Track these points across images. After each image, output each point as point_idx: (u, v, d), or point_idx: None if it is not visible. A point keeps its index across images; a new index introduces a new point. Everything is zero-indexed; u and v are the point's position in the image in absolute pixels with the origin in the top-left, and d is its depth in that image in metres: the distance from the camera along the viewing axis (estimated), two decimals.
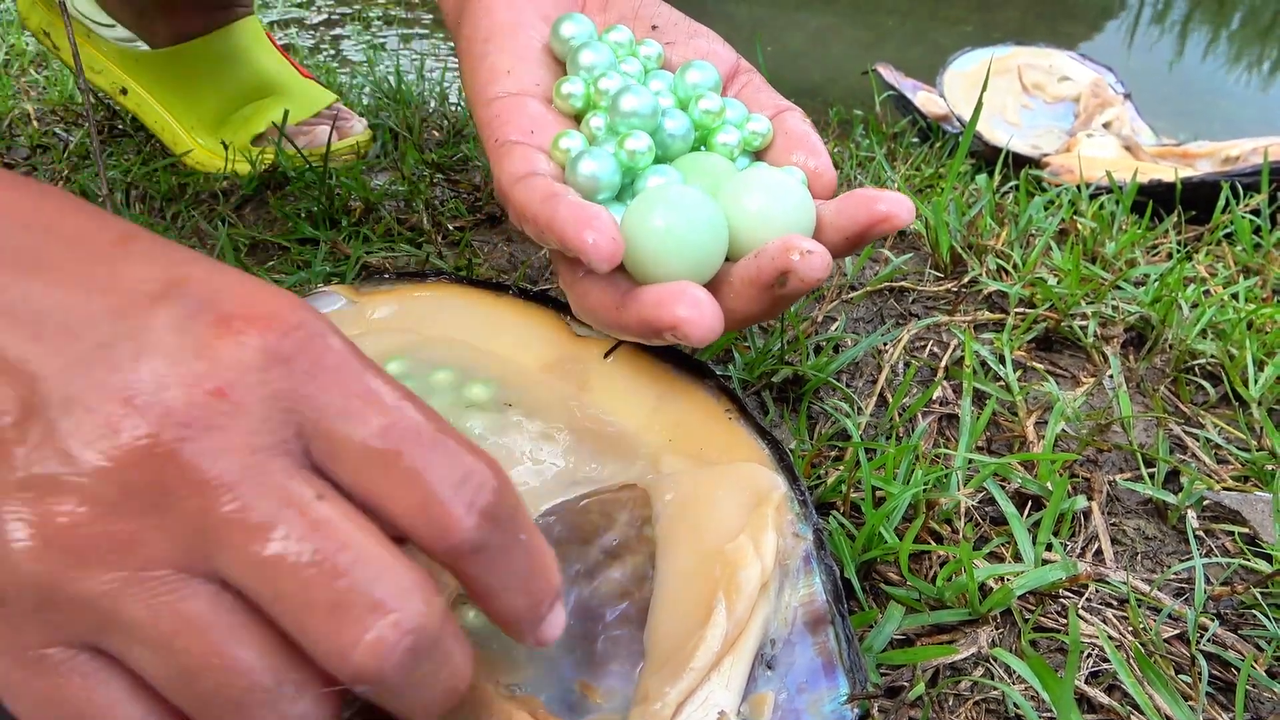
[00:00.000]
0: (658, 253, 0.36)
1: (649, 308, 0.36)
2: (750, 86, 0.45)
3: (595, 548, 0.39)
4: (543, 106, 0.42)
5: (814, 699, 0.32)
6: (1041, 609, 0.41)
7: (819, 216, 0.39)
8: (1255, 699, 0.38)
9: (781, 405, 0.52)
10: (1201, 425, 0.54)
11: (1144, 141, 1.15)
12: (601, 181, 0.39)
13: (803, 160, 0.42)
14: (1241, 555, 0.45)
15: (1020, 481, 0.47)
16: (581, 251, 0.35)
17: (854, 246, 0.39)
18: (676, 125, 0.42)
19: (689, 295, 0.35)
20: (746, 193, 0.38)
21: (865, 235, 0.38)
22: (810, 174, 0.41)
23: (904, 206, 0.37)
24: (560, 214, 0.36)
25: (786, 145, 0.43)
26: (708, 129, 0.43)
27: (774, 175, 0.39)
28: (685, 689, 0.32)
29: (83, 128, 0.86)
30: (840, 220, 0.38)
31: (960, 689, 0.37)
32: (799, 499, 0.38)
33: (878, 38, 1.92)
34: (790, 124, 0.43)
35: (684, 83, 0.43)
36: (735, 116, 0.43)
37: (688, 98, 0.43)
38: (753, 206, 0.38)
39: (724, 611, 0.34)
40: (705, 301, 0.35)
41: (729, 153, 0.42)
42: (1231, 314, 0.63)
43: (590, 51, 0.43)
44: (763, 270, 0.36)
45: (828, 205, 0.39)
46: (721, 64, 0.45)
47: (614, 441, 0.43)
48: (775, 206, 0.37)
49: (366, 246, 0.64)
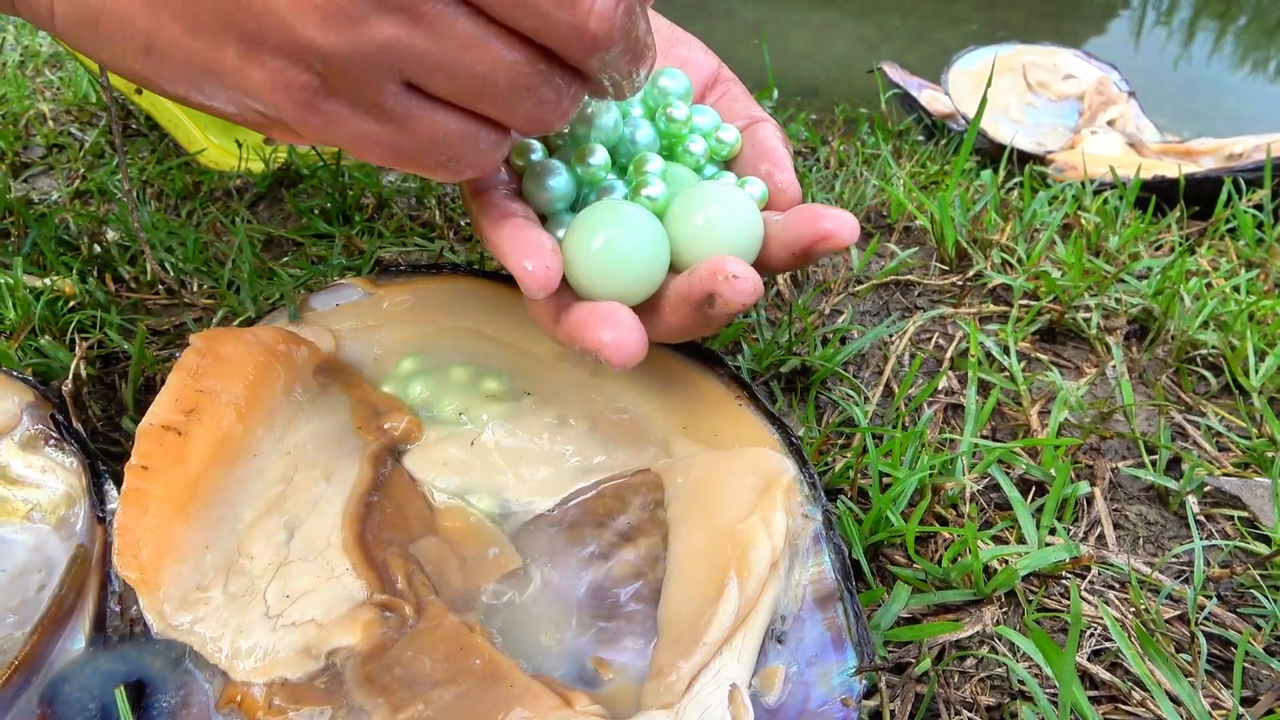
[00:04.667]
0: (595, 271, 0.37)
1: (576, 328, 0.36)
2: (728, 96, 0.46)
3: (609, 530, 0.41)
4: None
5: (823, 672, 0.33)
6: (1045, 590, 0.42)
7: (767, 231, 0.39)
8: (1254, 676, 0.39)
9: (790, 395, 0.53)
10: (1203, 414, 0.55)
11: (1148, 139, 1.15)
12: (556, 193, 0.40)
13: (768, 172, 0.42)
14: (1241, 539, 0.46)
15: (1024, 467, 0.47)
16: (518, 278, 0.35)
17: (799, 262, 0.39)
18: (643, 135, 0.42)
19: (614, 318, 0.35)
20: (695, 208, 0.38)
21: (809, 252, 0.38)
22: (773, 187, 0.41)
23: (847, 225, 0.37)
24: (504, 238, 0.36)
25: (754, 157, 0.43)
26: (675, 137, 0.43)
27: (726, 191, 0.39)
28: (698, 663, 0.33)
29: (97, 127, 0.87)
30: (785, 236, 0.38)
31: (965, 666, 0.38)
32: (808, 482, 0.39)
33: (883, 37, 1.93)
34: (761, 135, 0.43)
35: (654, 90, 0.43)
36: (706, 124, 0.43)
37: (656, 106, 0.43)
38: (699, 221, 0.38)
39: (735, 589, 0.35)
40: (628, 325, 0.35)
41: (694, 162, 0.43)
42: (1233, 306, 0.63)
43: None
44: (692, 289, 0.36)
45: (776, 220, 0.39)
46: (700, 71, 0.45)
47: (627, 428, 0.44)
48: (722, 222, 0.37)
49: (380, 242, 0.65)
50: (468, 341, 0.48)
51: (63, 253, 0.61)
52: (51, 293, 0.56)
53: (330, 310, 0.49)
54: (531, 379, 0.46)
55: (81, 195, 0.73)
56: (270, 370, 0.43)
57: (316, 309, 0.49)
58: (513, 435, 0.44)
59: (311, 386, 0.44)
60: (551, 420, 0.45)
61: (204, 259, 0.62)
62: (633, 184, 0.40)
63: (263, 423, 0.42)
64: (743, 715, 0.32)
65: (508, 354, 0.47)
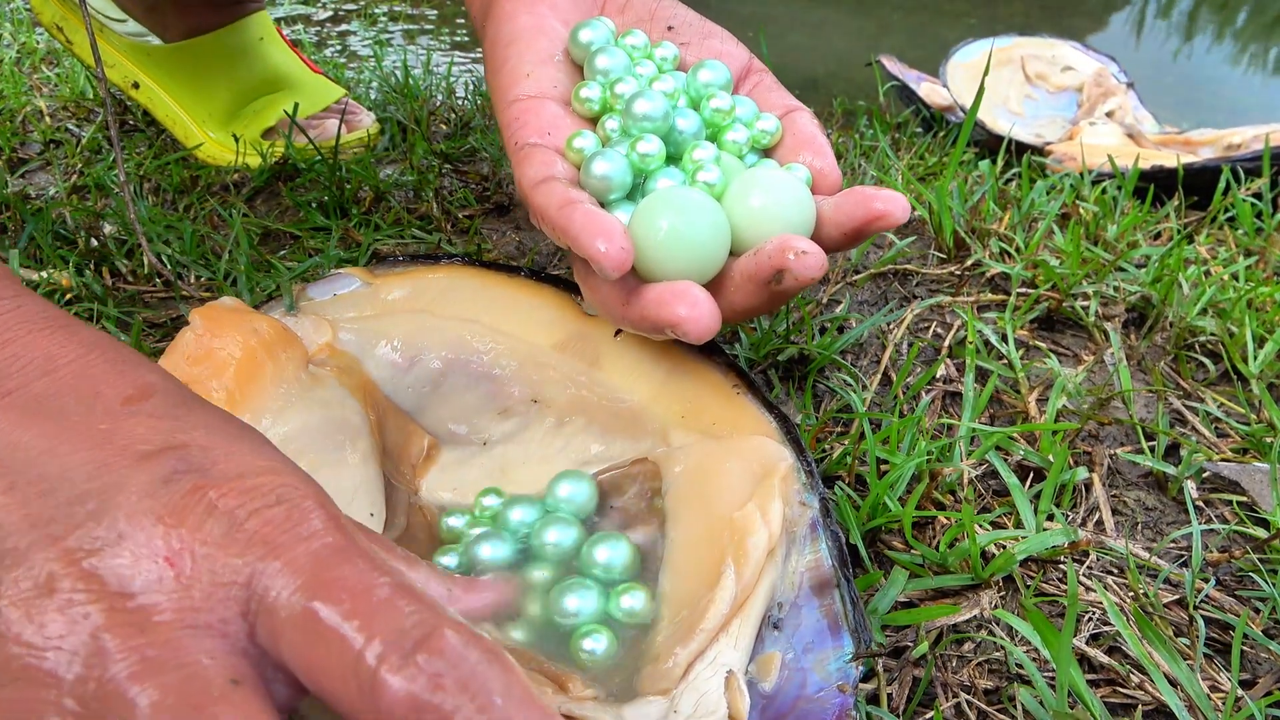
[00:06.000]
0: (662, 254, 0.38)
1: (651, 306, 0.37)
2: (762, 86, 0.47)
3: (607, 519, 0.40)
4: (560, 108, 0.44)
5: (820, 658, 0.33)
6: (1042, 575, 0.42)
7: (819, 212, 0.40)
8: (1253, 659, 0.39)
9: (787, 383, 0.53)
10: (1201, 400, 0.55)
11: (1147, 130, 1.15)
12: (613, 182, 0.41)
13: (809, 160, 0.43)
14: (1240, 523, 0.46)
15: (1022, 454, 0.47)
16: (593, 259, 0.36)
17: (852, 242, 0.40)
18: (688, 124, 0.43)
19: (689, 295, 0.36)
20: (750, 191, 0.40)
21: (862, 231, 0.39)
22: (815, 173, 0.43)
23: (899, 205, 0.38)
24: (576, 222, 0.37)
25: (794, 145, 0.44)
26: (718, 127, 0.44)
27: (777, 175, 0.40)
28: (695, 649, 0.33)
29: (94, 123, 0.87)
30: (838, 216, 0.40)
31: (963, 650, 0.38)
32: (805, 469, 0.39)
33: (881, 31, 1.93)
34: (799, 124, 0.44)
35: (696, 82, 0.44)
36: (745, 114, 0.44)
37: (699, 97, 0.44)
38: (755, 204, 0.39)
39: (732, 576, 0.35)
40: (704, 301, 0.36)
41: (738, 150, 0.44)
42: (1232, 293, 0.63)
43: (605, 56, 0.44)
44: (760, 267, 0.37)
45: (827, 202, 0.41)
46: (734, 63, 0.46)
47: (625, 417, 0.44)
48: (777, 204, 0.39)
49: (377, 234, 0.65)
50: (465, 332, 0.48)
51: (59, 247, 0.61)
52: (48, 286, 0.56)
53: (328, 300, 0.48)
54: (528, 370, 0.46)
55: (78, 190, 0.73)
56: (261, 362, 0.43)
57: (314, 299, 0.49)
58: (519, 441, 0.44)
59: (303, 380, 0.44)
60: (552, 415, 0.45)
61: (201, 252, 0.62)
62: (689, 171, 0.42)
63: (251, 412, 0.41)
64: (739, 701, 0.32)
65: (505, 343, 0.47)
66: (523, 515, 0.40)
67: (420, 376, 0.47)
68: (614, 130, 0.43)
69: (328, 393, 0.44)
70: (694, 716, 0.31)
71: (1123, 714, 0.36)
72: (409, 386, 0.46)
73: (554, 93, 0.44)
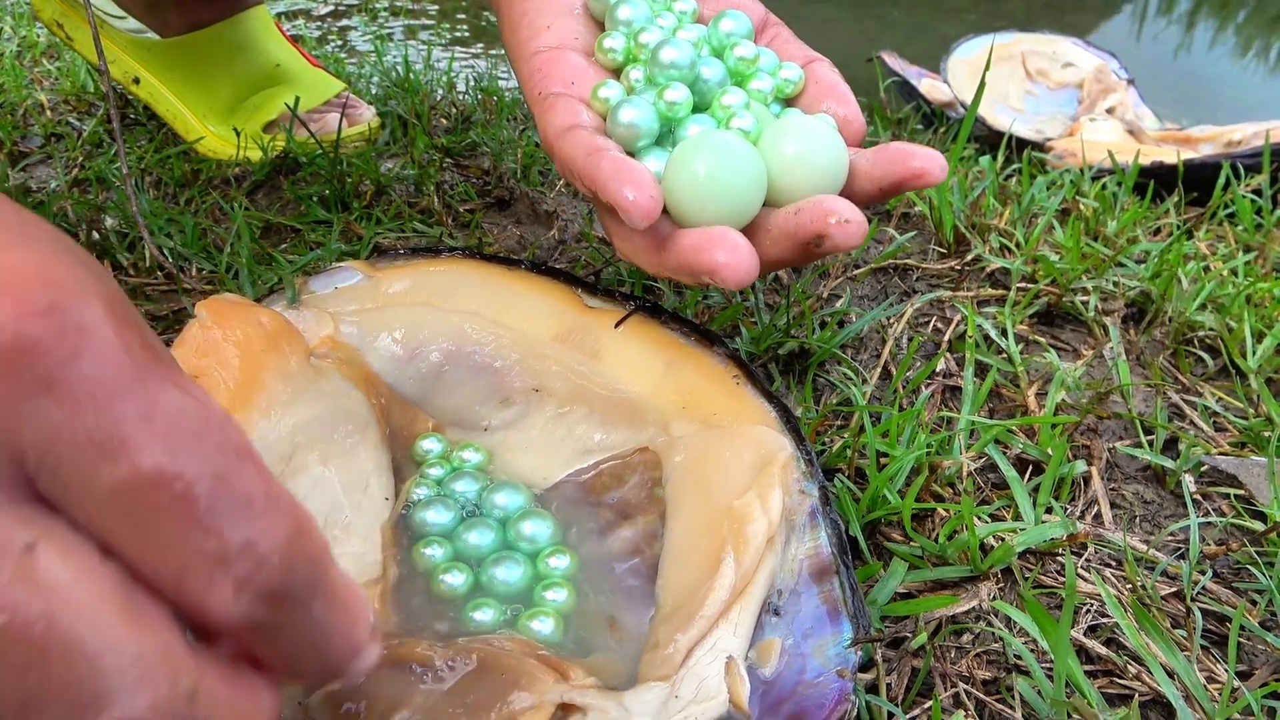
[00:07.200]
0: (699, 197, 0.37)
1: (688, 252, 0.36)
2: (780, 38, 0.46)
3: (608, 508, 0.41)
4: (582, 59, 0.43)
5: (819, 644, 0.34)
6: (1041, 567, 0.42)
7: (854, 165, 0.39)
8: (1249, 651, 0.39)
9: (787, 377, 0.53)
10: (1200, 394, 0.55)
11: (1147, 126, 1.15)
12: (641, 129, 0.40)
13: (832, 108, 0.42)
14: (1237, 516, 0.46)
15: (1021, 447, 0.48)
16: (621, 207, 0.36)
17: (885, 196, 0.39)
18: (712, 73, 0.42)
19: (728, 240, 0.35)
20: (784, 139, 0.39)
21: (899, 187, 0.39)
22: (840, 121, 0.42)
23: (937, 163, 0.38)
24: (604, 169, 0.37)
25: (817, 93, 0.43)
26: (743, 75, 0.43)
27: (809, 122, 0.39)
28: (695, 636, 0.34)
29: (95, 116, 0.87)
30: (875, 172, 0.39)
31: (962, 641, 0.38)
32: (805, 458, 0.39)
33: (882, 27, 1.93)
34: (820, 73, 0.44)
35: (718, 32, 0.44)
36: (767, 64, 0.44)
37: (722, 46, 0.44)
38: (790, 151, 0.38)
39: (732, 564, 0.35)
40: (743, 247, 0.35)
41: (763, 98, 0.43)
42: (1231, 289, 0.64)
43: (628, 6, 0.44)
44: (801, 229, 0.37)
45: (863, 155, 0.40)
46: (751, 15, 0.46)
47: (626, 408, 0.44)
48: (811, 152, 0.38)
49: (378, 228, 0.65)
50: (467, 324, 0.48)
51: None
52: None
53: (329, 293, 0.49)
54: (529, 362, 0.46)
55: (79, 184, 0.73)
56: (266, 355, 0.43)
57: (315, 292, 0.49)
58: (520, 428, 0.44)
59: (306, 372, 0.44)
60: (553, 404, 0.45)
61: (202, 245, 0.62)
62: (721, 119, 0.41)
63: (259, 405, 0.42)
64: (739, 686, 0.32)
65: (506, 335, 0.47)
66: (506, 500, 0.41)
67: (421, 369, 0.47)
68: (638, 80, 0.42)
69: (331, 384, 0.44)
70: (694, 702, 0.31)
71: (1120, 704, 0.36)
72: (410, 378, 0.46)
73: (576, 44, 0.44)
